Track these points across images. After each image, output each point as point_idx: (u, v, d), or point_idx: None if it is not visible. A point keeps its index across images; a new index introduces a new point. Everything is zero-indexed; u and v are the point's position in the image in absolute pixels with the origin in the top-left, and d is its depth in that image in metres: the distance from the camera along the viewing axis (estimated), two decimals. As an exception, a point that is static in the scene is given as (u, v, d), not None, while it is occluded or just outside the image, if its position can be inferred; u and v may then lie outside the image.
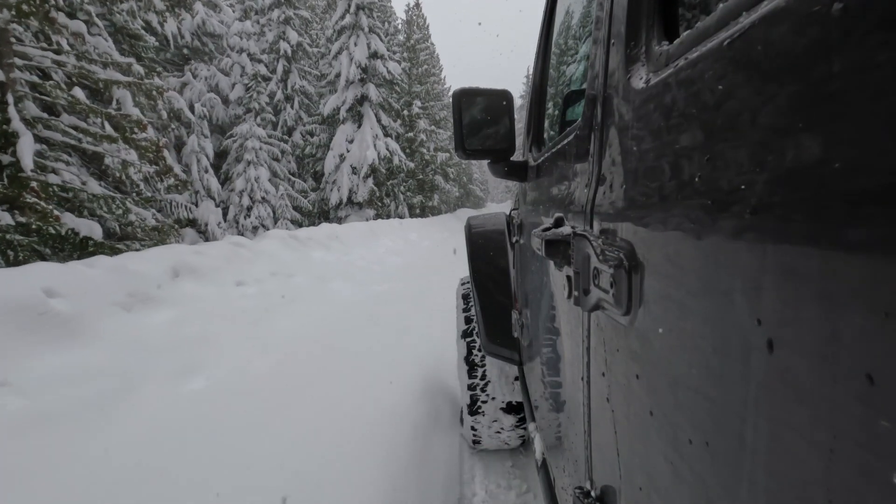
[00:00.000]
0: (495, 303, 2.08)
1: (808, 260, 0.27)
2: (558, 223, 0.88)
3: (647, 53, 0.55)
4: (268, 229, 17.47)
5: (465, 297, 2.41)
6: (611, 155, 0.64)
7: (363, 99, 18.98)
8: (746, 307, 0.33)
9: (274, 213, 17.39)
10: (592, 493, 0.76)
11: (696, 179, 0.40)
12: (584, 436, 0.80)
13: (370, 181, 18.52)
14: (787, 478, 0.30)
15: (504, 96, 1.42)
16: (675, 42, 0.48)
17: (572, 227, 0.79)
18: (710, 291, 0.38)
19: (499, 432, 2.20)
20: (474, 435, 2.24)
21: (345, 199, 18.35)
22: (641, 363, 0.53)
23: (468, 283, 2.40)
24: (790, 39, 0.29)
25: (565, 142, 0.94)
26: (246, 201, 16.69)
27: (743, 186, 0.33)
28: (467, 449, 2.38)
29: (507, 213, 2.24)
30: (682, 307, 0.43)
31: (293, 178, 19.20)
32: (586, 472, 0.80)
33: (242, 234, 15.37)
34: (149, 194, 11.00)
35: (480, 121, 1.43)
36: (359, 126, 19.03)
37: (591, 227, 0.70)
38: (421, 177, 26.26)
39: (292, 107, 20.65)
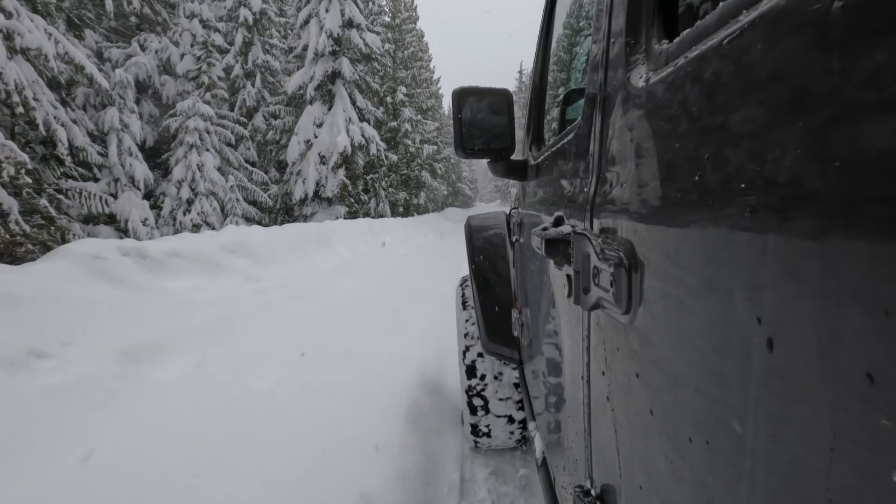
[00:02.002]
0: (495, 302, 1.96)
1: (807, 259, 0.27)
2: (558, 222, 0.87)
3: (647, 52, 0.53)
4: (213, 228, 14.08)
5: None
6: (611, 154, 0.62)
7: (335, 75, 15.60)
8: (746, 306, 0.32)
9: (222, 208, 13.99)
10: (592, 492, 0.74)
11: (696, 178, 0.39)
12: (584, 434, 0.78)
13: (341, 172, 15.16)
14: (787, 476, 0.29)
15: (504, 95, 1.37)
16: (674, 41, 0.46)
17: (572, 226, 0.77)
18: (710, 290, 0.37)
19: None
20: None
21: (310, 194, 14.98)
22: (641, 362, 0.51)
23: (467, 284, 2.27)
24: (790, 38, 0.28)
25: (565, 141, 0.92)
26: (186, 193, 13.25)
27: (743, 185, 0.32)
28: None
29: (507, 212, 2.11)
30: (682, 306, 0.41)
31: (251, 168, 15.77)
32: (586, 471, 0.78)
33: (180, 233, 11.97)
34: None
35: (480, 120, 1.37)
36: (329, 107, 15.65)
37: (591, 225, 0.68)
38: (405, 171, 22.97)
39: (253, 84, 17.18)
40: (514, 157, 1.44)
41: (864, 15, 0.23)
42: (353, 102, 15.86)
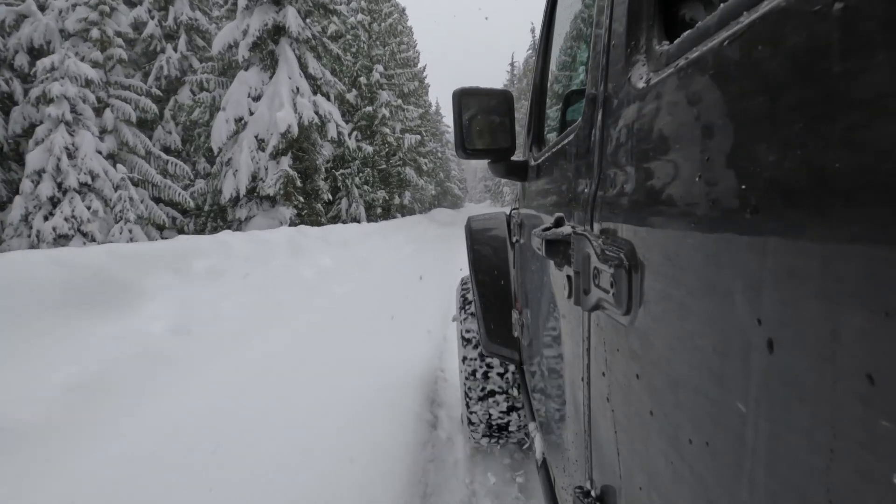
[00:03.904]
0: (496, 302, 1.86)
1: (808, 259, 0.26)
2: (558, 223, 0.84)
3: (648, 53, 0.52)
4: (94, 240, 9.61)
5: None
6: (611, 155, 0.60)
7: (278, 31, 11.12)
8: (747, 307, 0.31)
9: (112, 210, 9.49)
10: (592, 493, 0.71)
11: (697, 179, 0.38)
12: (584, 435, 0.76)
13: (285, 161, 10.70)
14: (787, 478, 0.28)
15: (504, 96, 1.32)
16: (675, 42, 0.45)
17: (572, 227, 0.74)
18: (710, 291, 0.36)
19: None
20: None
21: (243, 190, 10.52)
22: (641, 363, 0.50)
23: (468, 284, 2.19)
24: (790, 39, 0.27)
25: (566, 141, 0.88)
26: (47, 189, 8.72)
27: (743, 186, 0.32)
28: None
29: (507, 212, 2.04)
30: (683, 307, 0.40)
31: (167, 157, 11.27)
32: (586, 472, 0.76)
33: (37, 249, 7.46)
34: None
35: (481, 120, 1.31)
36: (272, 75, 11.21)
37: (592, 226, 0.66)
38: (384, 166, 18.59)
39: (175, 49, 12.65)
40: (514, 157, 1.38)
41: (864, 16, 0.22)
42: (304, 68, 11.41)
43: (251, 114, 10.76)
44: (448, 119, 39.18)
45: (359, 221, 15.12)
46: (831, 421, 0.24)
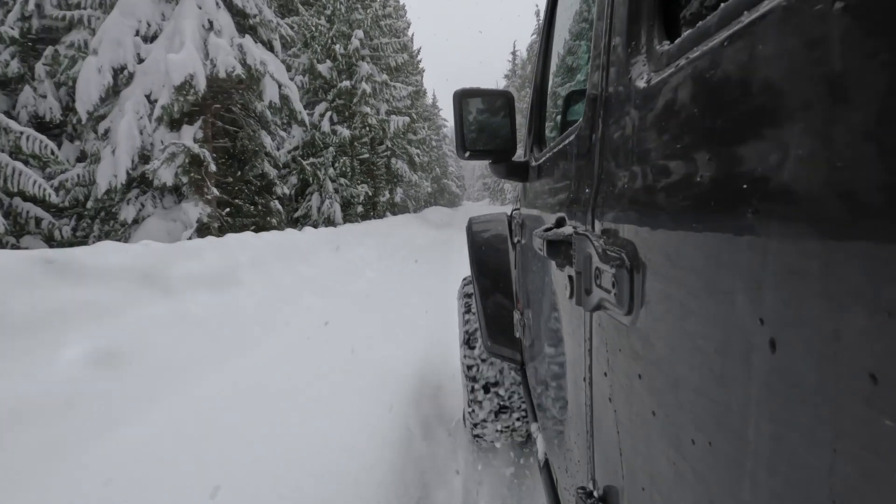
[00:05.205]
0: (497, 303, 1.84)
1: (810, 259, 0.25)
2: (560, 223, 0.83)
3: (649, 53, 0.51)
4: None
5: None
6: (612, 155, 0.59)
7: (185, -62, 7.23)
8: (749, 307, 0.31)
9: None
10: (595, 494, 0.70)
11: (698, 179, 0.37)
12: (586, 436, 0.75)
13: (188, 132, 6.81)
14: (789, 478, 0.28)
15: (505, 97, 1.30)
16: (676, 41, 0.44)
17: (574, 227, 0.73)
18: (712, 291, 0.36)
19: None
20: None
21: (122, 177, 6.61)
22: (643, 363, 0.49)
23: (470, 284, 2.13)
24: (791, 39, 0.27)
25: (566, 142, 0.87)
26: None
27: (745, 186, 0.31)
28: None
29: (509, 213, 2.02)
30: (684, 307, 0.40)
31: (19, 128, 7.38)
32: (589, 473, 0.74)
33: None
34: None
35: (481, 121, 1.31)
36: (176, 5, 7.32)
37: (593, 227, 0.65)
38: (367, 156, 14.73)
39: (54, -23, 8.76)
40: (515, 157, 1.36)
41: (864, 15, 0.22)
42: (228, -3, 7.52)
43: (140, 61, 6.88)
44: (445, 112, 35.48)
45: (334, 222, 11.35)
46: (834, 421, 0.24)
